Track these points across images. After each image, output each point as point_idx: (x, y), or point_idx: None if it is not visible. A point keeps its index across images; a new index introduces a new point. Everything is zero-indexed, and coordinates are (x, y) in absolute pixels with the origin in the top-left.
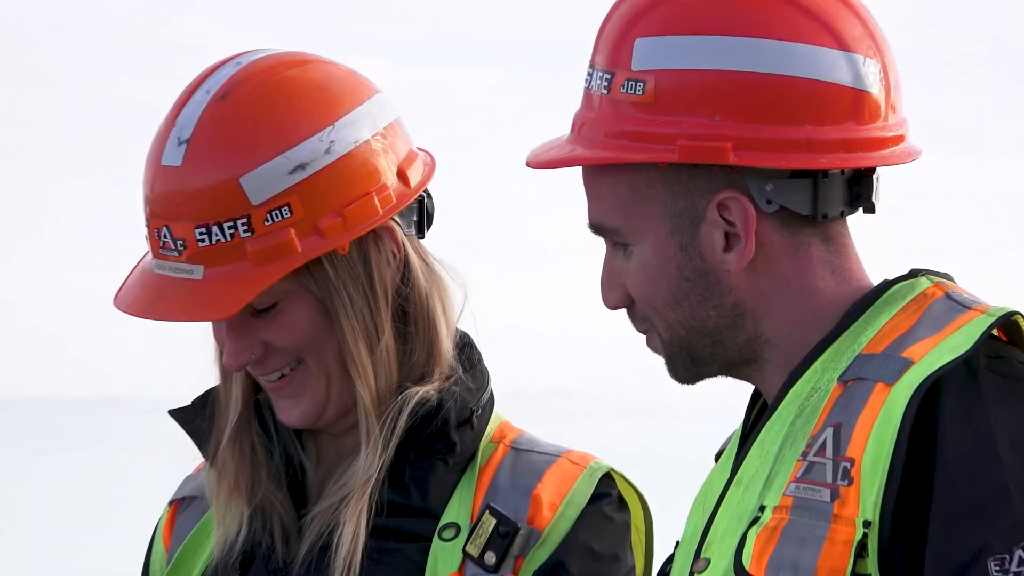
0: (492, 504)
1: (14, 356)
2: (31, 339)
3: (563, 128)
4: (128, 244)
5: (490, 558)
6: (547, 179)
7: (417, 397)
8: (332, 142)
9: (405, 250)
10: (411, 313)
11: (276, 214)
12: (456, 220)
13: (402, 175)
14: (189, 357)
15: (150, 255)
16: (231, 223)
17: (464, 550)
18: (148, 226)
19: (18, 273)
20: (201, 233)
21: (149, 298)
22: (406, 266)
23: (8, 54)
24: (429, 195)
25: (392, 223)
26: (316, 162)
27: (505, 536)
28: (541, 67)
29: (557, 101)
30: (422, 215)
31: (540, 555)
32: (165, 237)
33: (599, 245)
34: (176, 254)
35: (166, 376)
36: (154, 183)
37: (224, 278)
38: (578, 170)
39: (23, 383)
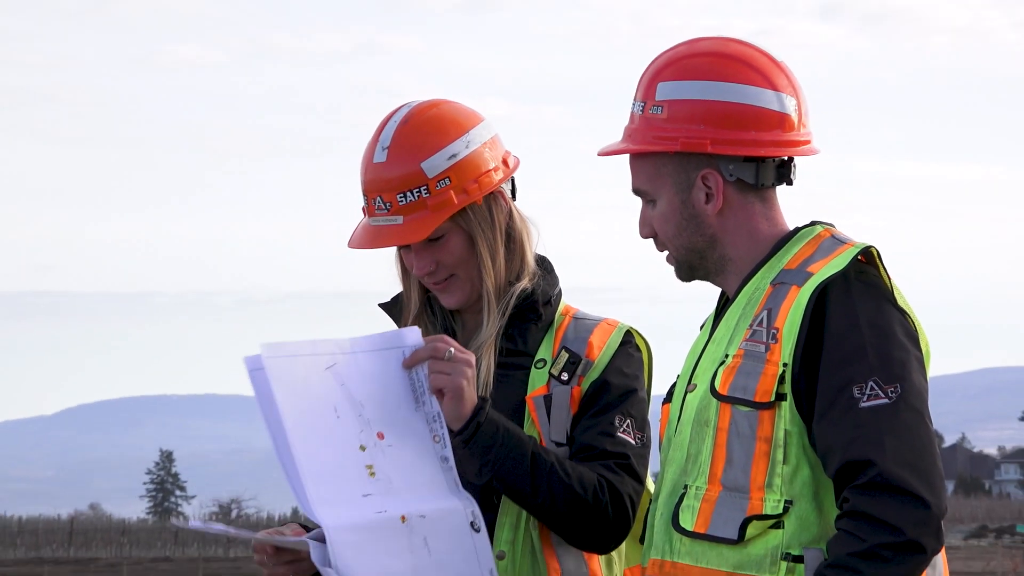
0: (566, 345)
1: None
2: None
3: (608, 140)
4: (346, 211)
5: (564, 376)
6: (597, 171)
7: (520, 287)
8: (468, 143)
9: (509, 204)
10: (513, 237)
11: (441, 183)
12: (542, 191)
13: (504, 163)
14: (381, 276)
15: (365, 218)
16: (417, 190)
17: (550, 373)
18: (367, 197)
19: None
20: (400, 197)
21: (371, 238)
22: (509, 213)
23: (289, 115)
24: (514, 180)
25: (501, 188)
26: (461, 153)
27: (574, 363)
28: (592, 107)
29: (600, 126)
30: (512, 188)
31: (592, 375)
32: (378, 202)
33: (626, 206)
34: (385, 211)
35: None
36: (370, 172)
37: (415, 221)
38: (624, 159)
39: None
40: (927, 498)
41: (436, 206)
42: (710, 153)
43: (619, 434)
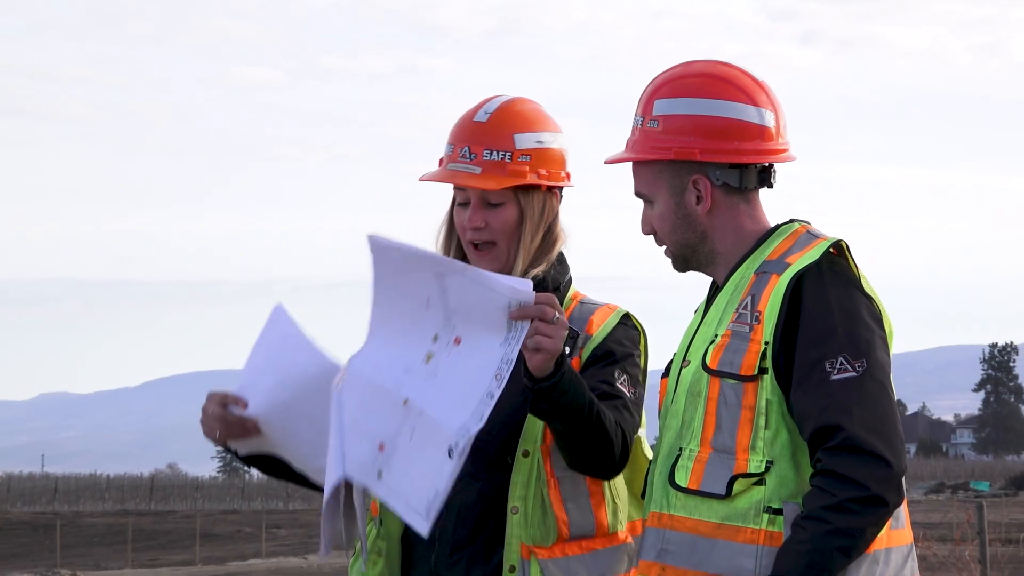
0: (570, 324)
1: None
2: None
3: (614, 149)
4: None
5: (567, 349)
6: (607, 176)
7: (534, 272)
8: (554, 140)
9: (557, 208)
10: (551, 234)
11: (523, 157)
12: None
13: (568, 175)
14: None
15: (443, 164)
16: (502, 152)
17: None
18: (454, 146)
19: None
20: (487, 152)
21: (447, 176)
22: (556, 215)
23: (338, 126)
24: (562, 196)
25: (557, 192)
26: (546, 143)
27: (573, 338)
28: (603, 120)
29: (610, 137)
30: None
31: (592, 344)
32: (464, 151)
33: (630, 208)
34: (468, 160)
35: None
36: (467, 126)
37: (490, 175)
38: (627, 166)
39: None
40: (889, 458)
41: (512, 172)
42: (699, 160)
43: (617, 384)
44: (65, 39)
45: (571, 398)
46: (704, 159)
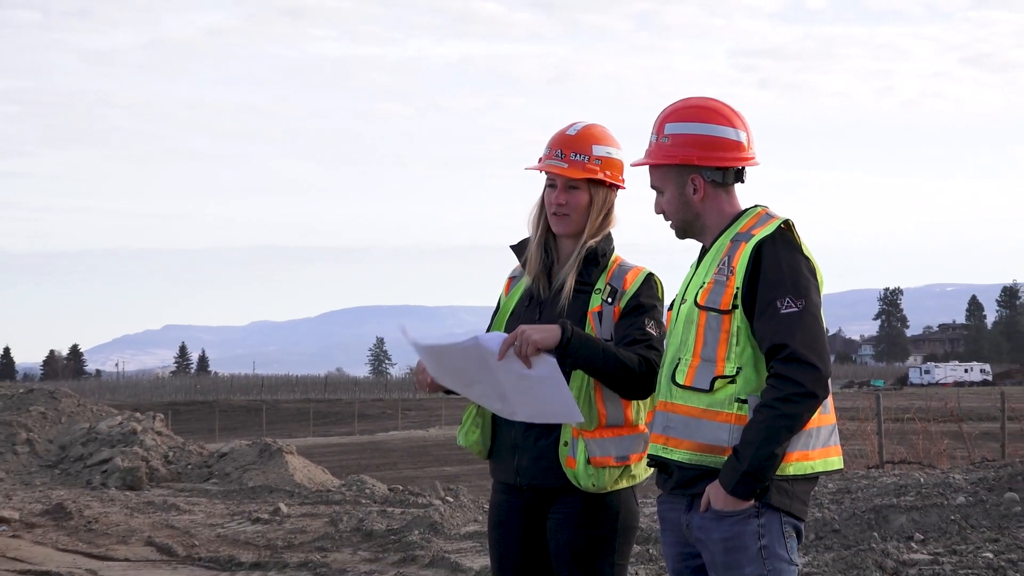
0: (610, 282)
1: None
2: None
3: (636, 157)
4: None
5: (609, 300)
6: (634, 176)
7: (589, 244)
8: (618, 153)
9: (613, 202)
10: (607, 217)
11: (596, 160)
12: None
13: (623, 180)
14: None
15: (541, 161)
16: (583, 155)
17: (602, 298)
18: (550, 149)
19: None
20: (572, 154)
21: (544, 167)
22: (612, 206)
23: (450, 145)
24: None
25: (616, 191)
26: (612, 155)
27: (614, 292)
28: (625, 140)
29: (631, 151)
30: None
31: (625, 298)
32: (557, 152)
33: (645, 197)
34: (558, 159)
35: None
36: (561, 136)
37: (573, 168)
38: (645, 168)
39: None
40: (819, 366)
41: (588, 169)
42: (696, 164)
43: (647, 329)
44: (263, 86)
45: (582, 354)
46: (700, 163)
